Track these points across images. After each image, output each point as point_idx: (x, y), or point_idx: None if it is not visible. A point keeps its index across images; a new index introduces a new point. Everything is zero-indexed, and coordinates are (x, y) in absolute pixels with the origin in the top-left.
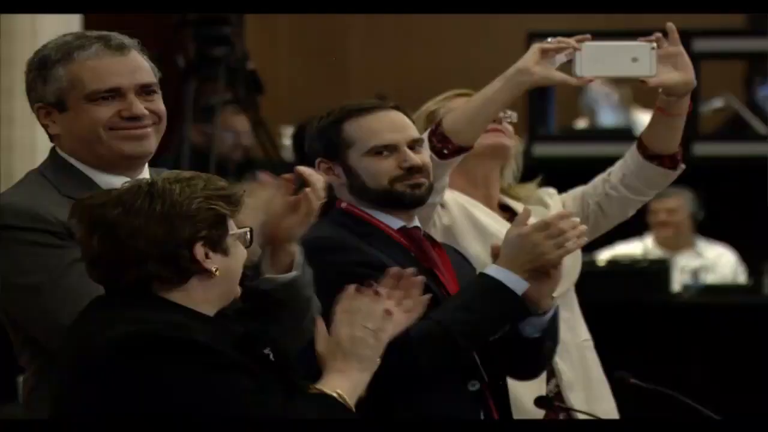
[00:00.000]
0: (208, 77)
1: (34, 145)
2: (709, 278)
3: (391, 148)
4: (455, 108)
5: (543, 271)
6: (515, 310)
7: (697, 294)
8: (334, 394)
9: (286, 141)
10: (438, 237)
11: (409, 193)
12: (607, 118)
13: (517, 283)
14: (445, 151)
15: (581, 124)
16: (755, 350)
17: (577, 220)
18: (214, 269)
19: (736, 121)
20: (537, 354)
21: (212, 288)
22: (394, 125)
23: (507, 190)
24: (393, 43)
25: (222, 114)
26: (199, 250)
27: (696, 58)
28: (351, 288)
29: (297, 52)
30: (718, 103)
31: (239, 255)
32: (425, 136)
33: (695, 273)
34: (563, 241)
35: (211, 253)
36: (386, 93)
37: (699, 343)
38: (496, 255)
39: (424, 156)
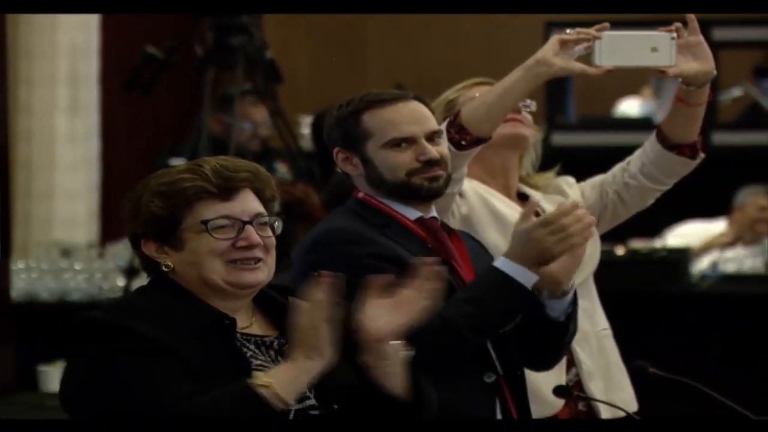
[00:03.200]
0: (227, 66)
1: (53, 134)
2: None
3: (410, 141)
4: (474, 97)
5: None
6: (524, 303)
7: (716, 283)
8: (257, 384)
9: (304, 130)
10: (456, 227)
11: (426, 186)
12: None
13: (525, 276)
14: (463, 143)
15: (630, 107)
16: None
17: (583, 211)
18: (164, 265)
19: (754, 110)
20: (560, 339)
21: (186, 278)
22: (413, 117)
23: (525, 179)
24: (411, 32)
25: (240, 104)
26: (148, 247)
27: (715, 47)
28: (318, 278)
29: (315, 41)
30: (736, 91)
31: (200, 247)
32: (443, 126)
33: (714, 263)
34: (566, 237)
35: (167, 248)
36: (404, 83)
37: (718, 333)
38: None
39: (442, 148)
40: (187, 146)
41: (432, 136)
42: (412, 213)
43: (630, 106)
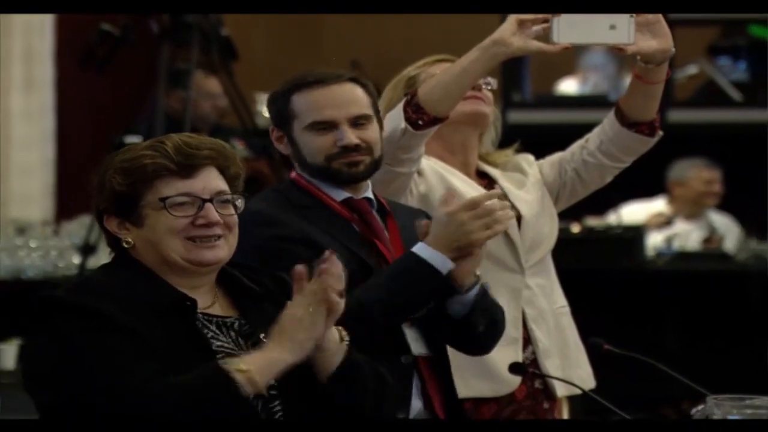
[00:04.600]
0: (182, 43)
1: (8, 111)
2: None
3: (330, 125)
4: (433, 76)
5: (466, 251)
6: (438, 288)
7: (671, 260)
8: (233, 370)
9: (260, 107)
10: (415, 205)
11: (346, 172)
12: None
13: (442, 261)
14: (420, 122)
15: (569, 86)
16: (726, 315)
17: (502, 203)
18: (125, 241)
19: (710, 88)
20: (470, 333)
21: (146, 255)
22: (338, 101)
23: (485, 157)
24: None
25: (199, 77)
26: (110, 223)
27: (671, 24)
28: (300, 268)
29: (272, 18)
30: (692, 69)
31: (159, 224)
32: (400, 106)
33: (668, 240)
34: (491, 222)
35: (128, 224)
36: (361, 60)
37: (673, 309)
38: (424, 234)
39: (369, 133)
40: (142, 123)
41: (356, 121)
42: (339, 194)
43: (568, 86)
